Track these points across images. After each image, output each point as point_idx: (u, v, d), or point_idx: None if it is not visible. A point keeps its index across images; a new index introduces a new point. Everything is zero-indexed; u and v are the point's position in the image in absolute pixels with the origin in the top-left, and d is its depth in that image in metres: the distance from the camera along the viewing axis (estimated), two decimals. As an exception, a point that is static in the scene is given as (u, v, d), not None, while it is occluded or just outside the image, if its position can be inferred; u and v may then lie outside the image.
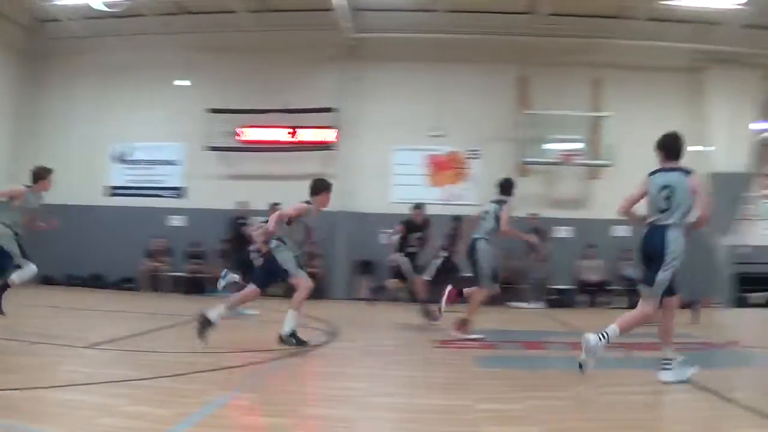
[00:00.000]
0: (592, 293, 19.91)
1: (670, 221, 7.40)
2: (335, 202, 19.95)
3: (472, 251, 11.02)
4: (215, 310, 8.80)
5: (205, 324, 8.74)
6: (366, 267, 20.22)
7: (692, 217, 7.52)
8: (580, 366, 7.19)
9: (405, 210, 14.36)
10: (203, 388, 6.47)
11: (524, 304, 18.89)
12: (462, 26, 19.72)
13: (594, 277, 19.89)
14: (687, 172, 7.50)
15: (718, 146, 20.84)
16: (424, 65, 20.84)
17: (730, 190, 20.61)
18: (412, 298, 14.21)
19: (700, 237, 20.20)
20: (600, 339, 7.35)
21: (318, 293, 19.51)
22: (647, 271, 7.51)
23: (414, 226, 13.87)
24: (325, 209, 9.99)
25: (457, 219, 15.74)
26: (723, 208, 20.03)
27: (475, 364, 8.35)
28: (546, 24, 19.07)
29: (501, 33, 19.62)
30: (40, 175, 11.03)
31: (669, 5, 18.17)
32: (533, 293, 19.35)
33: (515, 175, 19.96)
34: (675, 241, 7.37)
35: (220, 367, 7.62)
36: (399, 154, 21.03)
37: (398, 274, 14.02)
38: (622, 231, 20.34)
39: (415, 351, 9.92)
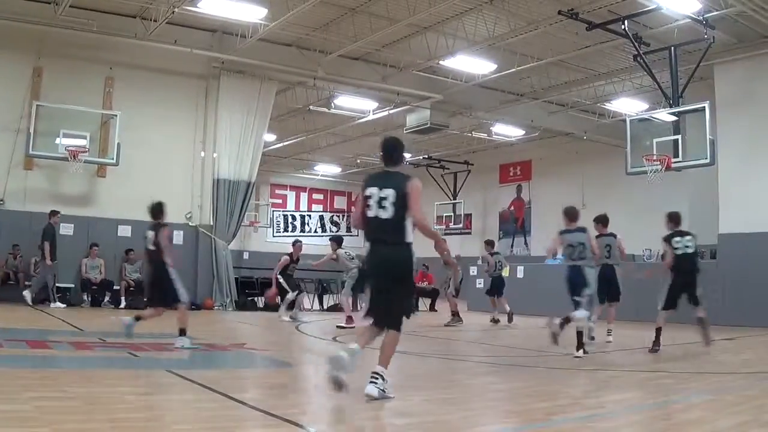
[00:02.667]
0: (95, 292, 19.61)
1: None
2: None
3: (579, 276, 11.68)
4: None
5: None
6: None
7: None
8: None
9: None
10: None
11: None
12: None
13: (97, 276, 19.59)
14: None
15: (225, 154, 21.55)
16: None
17: (233, 196, 21.46)
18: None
19: (210, 244, 20.89)
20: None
21: None
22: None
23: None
24: None
25: None
26: (226, 214, 20.84)
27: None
28: (66, 15, 18.28)
29: (18, 19, 18.37)
30: None
31: (190, 11, 18.33)
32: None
33: (21, 169, 19.22)
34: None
35: None
36: None
37: None
38: (127, 231, 20.31)
39: None
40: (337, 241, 18.05)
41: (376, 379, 6.81)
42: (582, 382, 9.01)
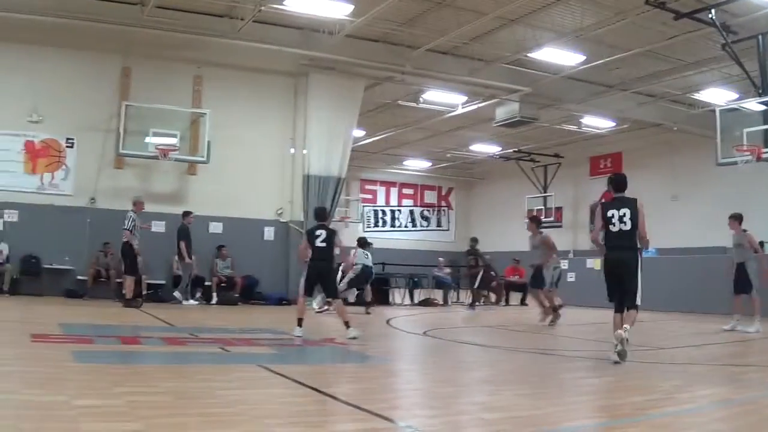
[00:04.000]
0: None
1: None
2: None
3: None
4: None
5: None
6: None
7: None
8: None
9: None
10: None
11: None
12: (65, 10, 18.27)
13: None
14: None
15: (315, 150, 21.65)
16: (23, 47, 19.22)
17: (324, 192, 21.54)
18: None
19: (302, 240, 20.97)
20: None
21: None
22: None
23: None
24: None
25: None
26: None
27: (72, 359, 7.98)
28: (153, 16, 18.49)
29: (106, 21, 18.62)
30: None
31: (277, 9, 18.43)
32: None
33: (111, 168, 19.60)
34: None
35: None
36: (-5, 139, 19.53)
37: None
38: (218, 228, 20.58)
39: (10, 345, 9.30)
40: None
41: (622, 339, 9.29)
42: (673, 376, 8.82)
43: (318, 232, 12.17)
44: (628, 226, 9.58)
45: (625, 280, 9.67)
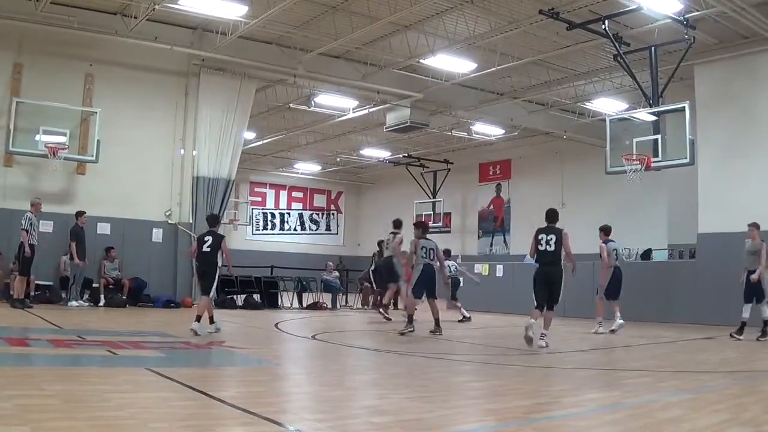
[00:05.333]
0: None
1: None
2: None
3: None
4: None
5: None
6: None
7: None
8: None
9: None
10: None
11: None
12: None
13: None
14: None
15: (204, 151, 21.47)
16: None
17: (213, 194, 21.38)
18: None
19: (190, 242, 20.72)
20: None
21: None
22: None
23: None
24: None
25: None
26: (206, 212, 20.73)
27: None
28: (47, 11, 18.10)
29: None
30: None
31: (172, 8, 18.25)
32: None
33: (0, 166, 19.08)
34: None
35: None
36: None
37: None
38: (106, 229, 20.23)
39: None
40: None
41: (544, 336, 12.01)
42: (561, 380, 9.04)
43: (206, 238, 13.35)
44: (553, 248, 12.30)
45: (554, 288, 12.30)
